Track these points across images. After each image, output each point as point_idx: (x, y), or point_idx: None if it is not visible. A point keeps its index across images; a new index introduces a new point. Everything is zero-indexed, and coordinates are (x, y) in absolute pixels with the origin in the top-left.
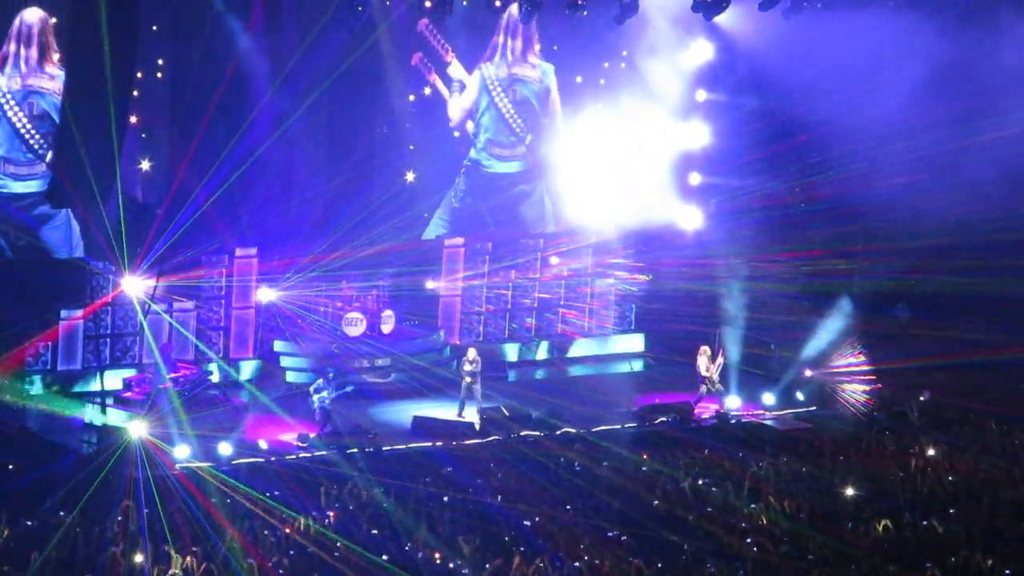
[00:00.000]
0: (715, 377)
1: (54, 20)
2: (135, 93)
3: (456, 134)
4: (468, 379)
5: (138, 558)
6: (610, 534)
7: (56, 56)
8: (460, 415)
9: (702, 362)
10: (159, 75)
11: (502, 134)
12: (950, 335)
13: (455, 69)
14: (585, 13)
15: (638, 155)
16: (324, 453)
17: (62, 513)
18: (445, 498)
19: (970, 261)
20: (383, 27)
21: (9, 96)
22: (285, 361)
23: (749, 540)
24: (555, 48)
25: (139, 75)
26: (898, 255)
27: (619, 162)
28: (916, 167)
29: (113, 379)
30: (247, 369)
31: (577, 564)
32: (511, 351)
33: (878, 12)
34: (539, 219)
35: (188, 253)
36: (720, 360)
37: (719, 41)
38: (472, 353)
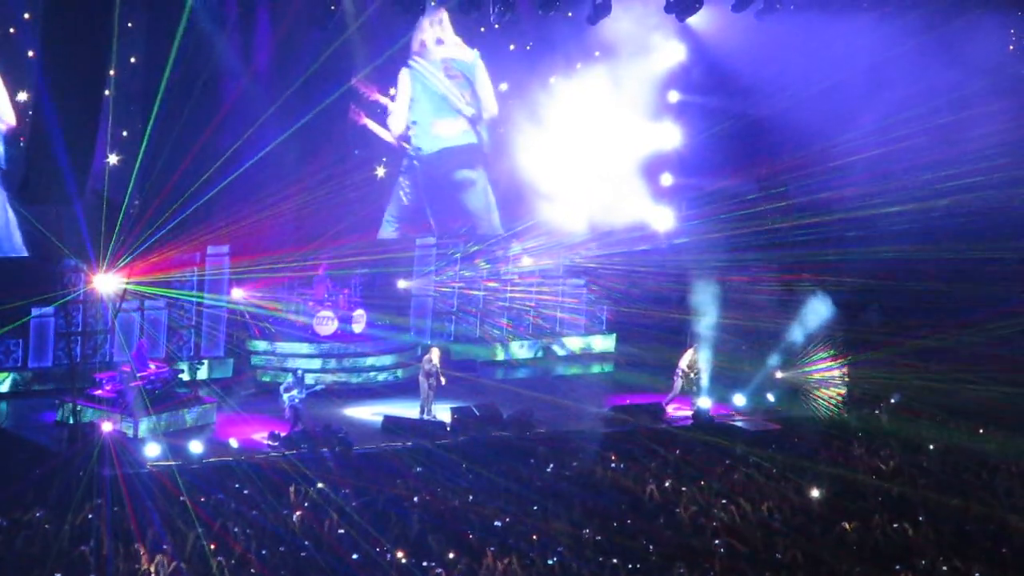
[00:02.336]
0: (693, 376)
1: (27, 16)
2: (107, 91)
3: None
4: (427, 379)
5: (108, 556)
6: (583, 533)
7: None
8: (422, 415)
9: (685, 358)
10: (132, 73)
11: (442, 110)
12: (921, 337)
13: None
14: (560, 12)
15: (610, 156)
16: (294, 452)
17: (38, 513)
18: (415, 498)
19: (941, 261)
20: (354, 26)
21: None
22: (257, 360)
23: (719, 541)
24: (528, 48)
25: (112, 72)
26: (870, 256)
27: (591, 162)
28: (887, 168)
29: (84, 377)
30: (218, 368)
31: (550, 563)
32: (482, 351)
33: (850, 14)
34: (484, 211)
35: (161, 251)
36: (697, 363)
37: (692, 43)
38: (435, 354)
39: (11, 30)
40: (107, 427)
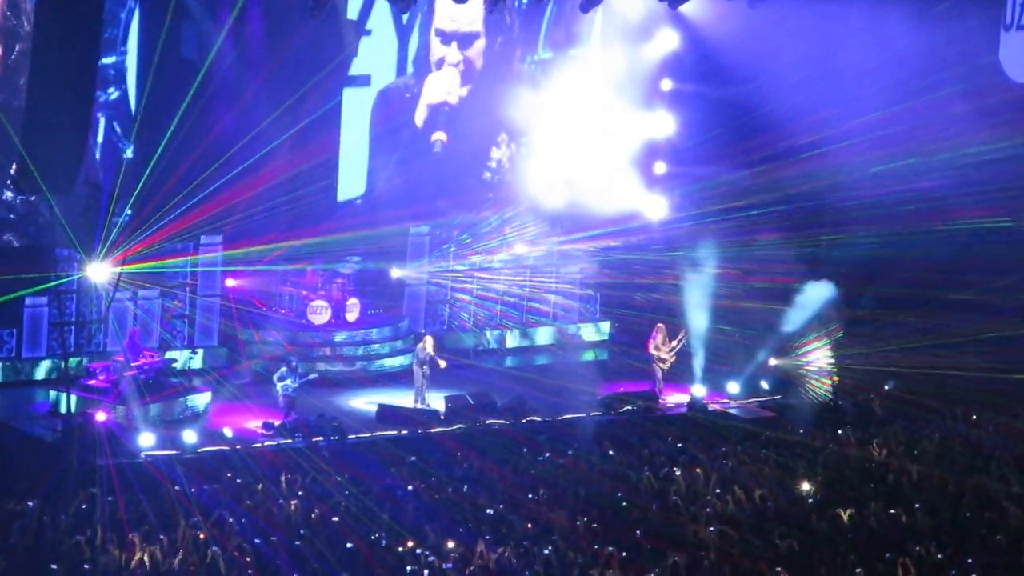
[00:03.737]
0: (664, 355)
1: None
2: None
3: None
4: (421, 367)
5: (102, 546)
6: (578, 521)
7: None
8: (416, 403)
9: (655, 340)
10: (125, 63)
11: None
12: (914, 323)
13: None
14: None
15: (603, 143)
16: (289, 441)
17: (32, 504)
18: (410, 486)
19: (936, 250)
20: (347, 21)
21: None
22: (251, 349)
23: (713, 528)
24: (517, 35)
25: (111, 59)
26: (864, 244)
27: (584, 150)
28: (882, 155)
29: (78, 366)
30: (212, 357)
31: (546, 552)
32: (476, 339)
33: (846, 2)
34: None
35: (154, 240)
36: (676, 343)
37: (684, 30)
38: (429, 341)
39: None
40: (101, 417)
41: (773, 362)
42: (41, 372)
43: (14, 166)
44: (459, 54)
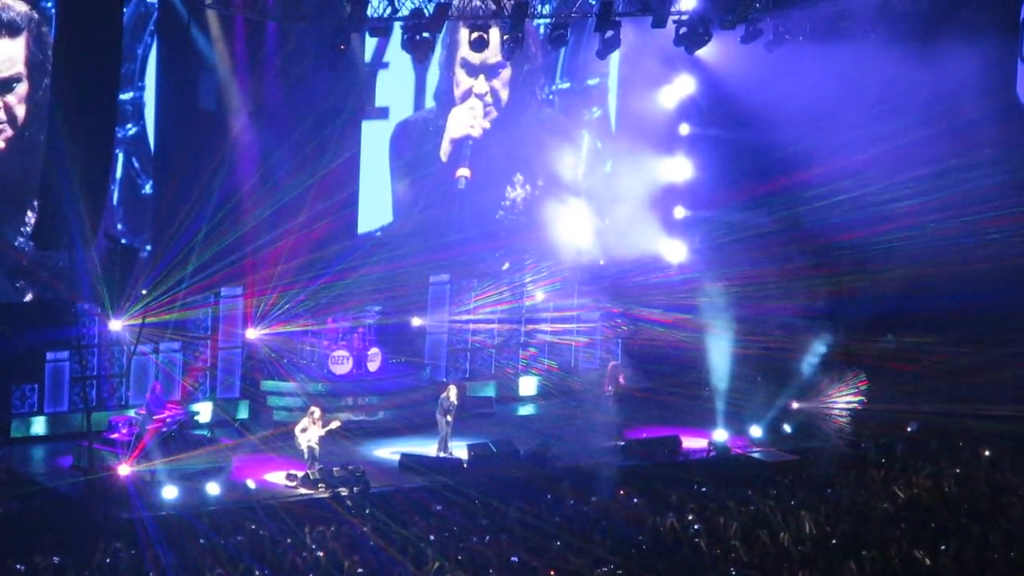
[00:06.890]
0: (616, 391)
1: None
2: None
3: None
4: (446, 416)
5: None
6: (603, 569)
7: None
8: (440, 452)
9: (605, 378)
10: (143, 99)
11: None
12: (936, 363)
13: None
14: (568, 46)
15: (622, 189)
16: (312, 492)
17: (57, 559)
18: (432, 536)
19: (957, 290)
20: (364, 65)
21: None
22: (273, 400)
23: (735, 572)
24: (542, 85)
25: (128, 95)
26: (884, 285)
27: (603, 195)
28: (901, 197)
29: (100, 421)
30: (235, 409)
31: None
32: (498, 387)
33: (862, 44)
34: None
35: (175, 292)
36: (621, 378)
37: (702, 75)
38: (453, 391)
39: None
40: (124, 471)
41: (795, 405)
42: (64, 427)
43: (32, 220)
44: (486, 84)
